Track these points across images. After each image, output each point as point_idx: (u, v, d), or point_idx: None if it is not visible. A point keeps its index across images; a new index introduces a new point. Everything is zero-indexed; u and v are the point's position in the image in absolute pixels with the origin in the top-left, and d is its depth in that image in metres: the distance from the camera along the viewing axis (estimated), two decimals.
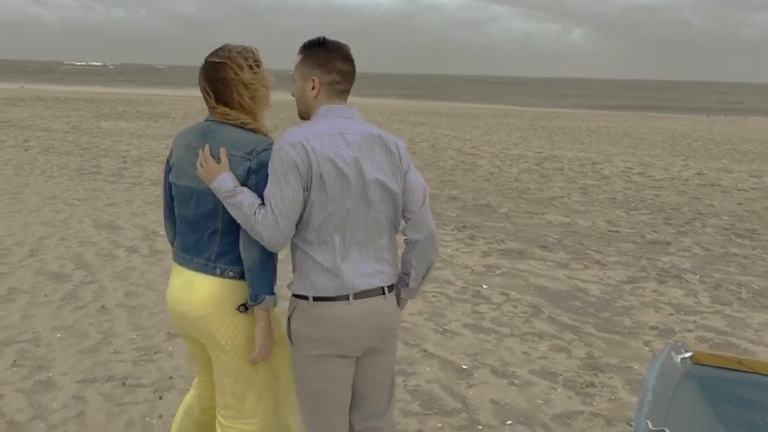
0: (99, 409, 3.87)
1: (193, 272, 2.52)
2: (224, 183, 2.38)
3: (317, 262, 2.38)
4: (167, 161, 2.68)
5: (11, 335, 4.88)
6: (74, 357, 4.54)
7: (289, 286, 2.48)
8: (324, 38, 2.47)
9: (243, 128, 2.49)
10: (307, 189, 2.32)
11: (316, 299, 2.39)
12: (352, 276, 2.39)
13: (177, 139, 2.65)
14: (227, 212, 2.42)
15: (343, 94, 2.49)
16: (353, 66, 2.50)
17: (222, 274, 2.48)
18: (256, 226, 2.31)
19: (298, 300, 2.43)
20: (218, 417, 2.68)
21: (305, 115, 2.53)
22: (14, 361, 4.47)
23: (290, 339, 2.48)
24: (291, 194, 2.30)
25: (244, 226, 2.37)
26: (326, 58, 2.43)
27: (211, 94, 2.50)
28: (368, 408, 2.62)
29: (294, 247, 2.44)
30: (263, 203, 2.34)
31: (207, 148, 2.44)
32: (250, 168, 2.41)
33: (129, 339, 4.85)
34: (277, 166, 2.31)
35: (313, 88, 2.44)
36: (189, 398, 2.92)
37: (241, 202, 2.34)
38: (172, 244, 2.74)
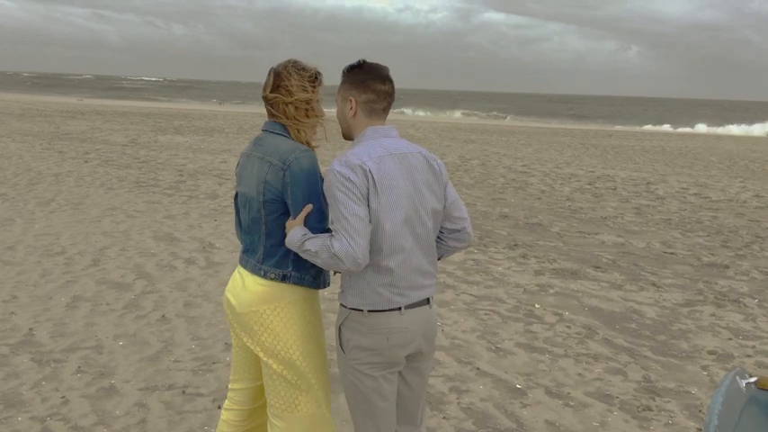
0: (160, 417, 3.98)
1: (247, 272, 2.74)
2: (293, 237, 2.53)
3: (375, 278, 2.49)
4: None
5: (75, 342, 5.04)
6: (136, 365, 4.67)
7: (341, 298, 2.58)
8: (363, 60, 2.60)
9: (286, 136, 2.69)
10: (367, 207, 2.42)
11: (370, 311, 2.50)
12: (405, 291, 2.52)
13: (243, 150, 2.85)
14: (269, 217, 2.64)
15: (382, 112, 2.60)
16: (392, 85, 2.60)
17: (265, 276, 2.68)
18: (337, 255, 2.36)
19: (350, 310, 2.54)
20: (269, 415, 2.84)
21: (347, 134, 2.66)
22: (79, 367, 4.62)
23: (341, 347, 2.59)
24: (357, 212, 2.38)
25: (327, 266, 2.46)
26: (363, 79, 2.56)
27: (268, 90, 2.73)
28: (414, 416, 2.75)
29: None
30: (331, 235, 2.43)
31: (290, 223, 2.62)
32: (284, 178, 2.58)
33: (189, 349, 4.97)
34: (336, 189, 2.40)
35: (351, 108, 2.57)
36: (220, 424, 3.05)
37: (310, 248, 2.45)
38: None
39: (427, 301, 2.60)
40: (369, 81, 2.55)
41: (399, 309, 2.51)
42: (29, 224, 8.72)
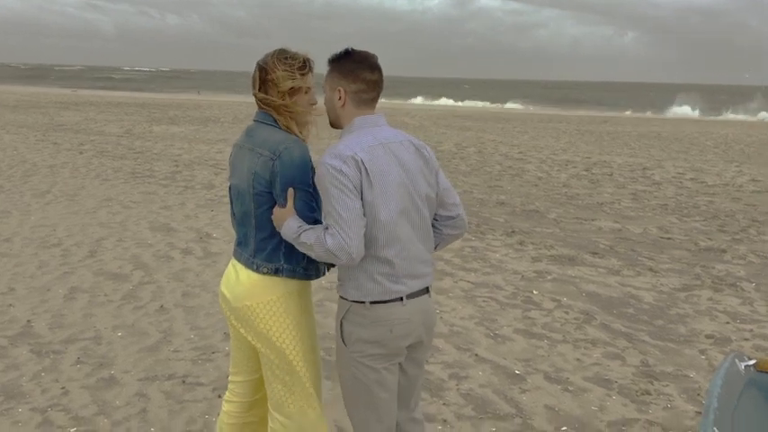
0: (161, 407, 3.98)
1: (241, 265, 2.71)
2: (289, 228, 2.50)
3: (373, 268, 2.46)
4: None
5: (73, 333, 5.04)
6: (135, 355, 4.68)
7: (340, 291, 2.56)
8: (350, 49, 2.55)
9: (276, 126, 2.65)
10: (360, 200, 2.39)
11: (372, 302, 2.47)
12: (404, 280, 2.50)
13: (236, 141, 2.82)
14: (258, 210, 2.61)
15: (371, 102, 2.56)
16: (380, 75, 2.56)
17: (258, 270, 2.65)
18: (330, 250, 2.35)
19: (351, 303, 2.51)
20: (269, 407, 2.84)
21: (335, 123, 2.63)
22: (78, 358, 4.62)
23: (343, 341, 2.56)
24: (350, 205, 2.35)
25: (321, 259, 2.44)
26: (351, 68, 2.51)
27: (256, 87, 2.68)
28: (409, 402, 2.76)
29: None
30: (326, 227, 2.39)
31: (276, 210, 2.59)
32: (273, 167, 2.54)
33: (188, 339, 4.97)
34: (328, 183, 2.37)
35: (339, 98, 2.53)
36: (221, 415, 3.05)
37: (306, 240, 2.43)
38: None
39: (426, 290, 2.60)
40: (358, 71, 2.51)
41: (401, 299, 2.49)
42: (25, 216, 8.70)
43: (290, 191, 2.53)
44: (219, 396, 4.09)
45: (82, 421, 3.81)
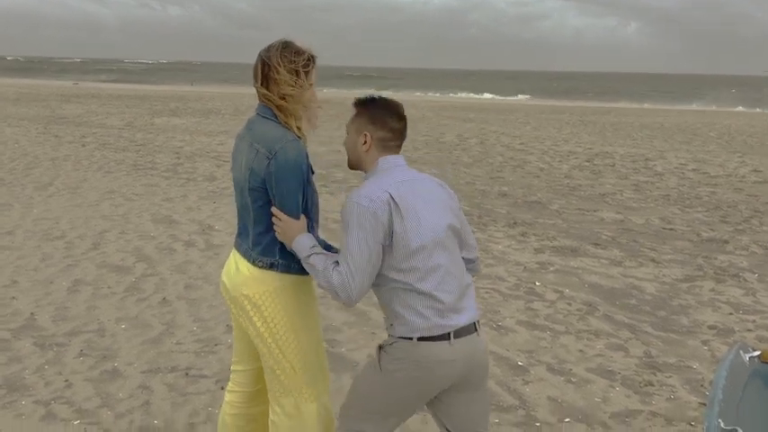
0: (164, 399, 3.99)
1: (240, 256, 2.72)
2: (301, 246, 2.51)
3: (419, 303, 2.42)
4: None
5: (77, 325, 5.04)
6: (138, 348, 4.68)
7: (389, 330, 2.51)
8: (378, 95, 2.59)
9: (275, 121, 2.62)
10: (388, 241, 2.39)
11: (420, 339, 2.42)
12: (450, 315, 2.44)
13: (238, 132, 2.81)
14: (255, 204, 2.61)
15: (395, 149, 2.59)
16: (405, 124, 2.60)
17: (254, 263, 2.66)
18: (333, 286, 2.38)
19: (397, 339, 2.46)
20: (269, 399, 2.83)
21: (355, 165, 2.64)
22: (81, 351, 4.62)
23: (379, 365, 2.51)
24: (366, 249, 2.36)
25: (320, 285, 2.46)
26: (380, 115, 2.55)
27: (258, 80, 2.65)
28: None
29: (392, 292, 2.46)
30: (336, 262, 2.41)
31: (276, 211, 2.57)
32: (269, 167, 2.52)
33: (191, 331, 4.98)
34: (353, 220, 2.38)
35: (365, 143, 2.55)
36: (224, 406, 3.04)
37: (315, 264, 2.45)
38: None
39: (474, 327, 2.51)
40: (386, 118, 2.54)
41: (449, 338, 2.42)
42: (27, 209, 8.70)
43: (303, 217, 2.57)
44: (222, 388, 4.09)
45: (85, 414, 3.81)
